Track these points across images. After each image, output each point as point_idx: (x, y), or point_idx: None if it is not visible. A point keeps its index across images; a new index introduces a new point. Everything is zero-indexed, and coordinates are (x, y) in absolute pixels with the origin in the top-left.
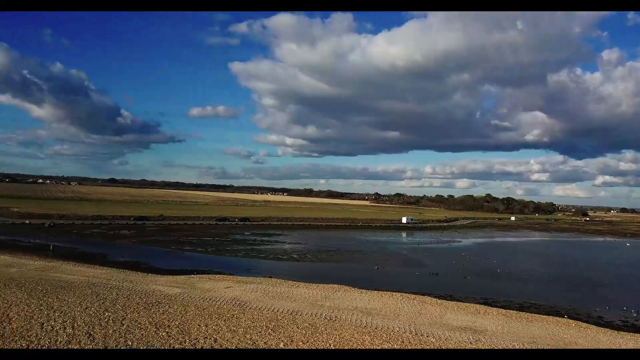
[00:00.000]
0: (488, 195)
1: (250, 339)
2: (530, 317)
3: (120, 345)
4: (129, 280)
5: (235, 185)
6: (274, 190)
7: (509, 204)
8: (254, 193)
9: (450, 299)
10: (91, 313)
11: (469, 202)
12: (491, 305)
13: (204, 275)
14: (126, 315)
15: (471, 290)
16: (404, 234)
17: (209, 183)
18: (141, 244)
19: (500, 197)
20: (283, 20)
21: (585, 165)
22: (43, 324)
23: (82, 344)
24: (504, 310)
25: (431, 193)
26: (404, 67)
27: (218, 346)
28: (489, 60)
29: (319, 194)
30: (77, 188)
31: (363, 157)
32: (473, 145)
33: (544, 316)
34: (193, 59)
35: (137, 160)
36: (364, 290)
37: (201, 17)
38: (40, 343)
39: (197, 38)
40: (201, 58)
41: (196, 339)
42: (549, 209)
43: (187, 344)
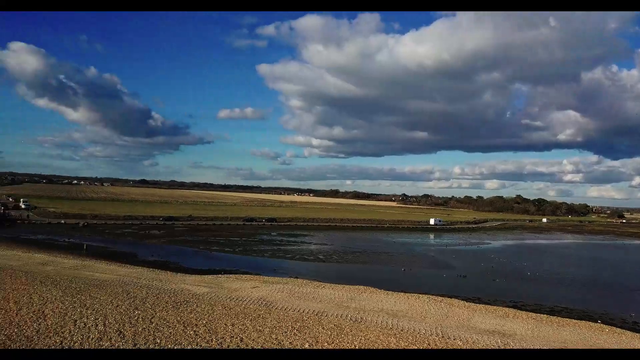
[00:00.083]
0: (518, 196)
1: (275, 338)
2: (561, 322)
3: (149, 343)
4: (159, 279)
5: (262, 186)
6: (301, 191)
7: (541, 206)
8: (280, 194)
9: (478, 301)
10: (122, 311)
11: (498, 204)
12: (520, 309)
13: (231, 275)
14: (155, 313)
15: (500, 293)
16: (431, 236)
17: (237, 184)
18: (170, 244)
19: (531, 199)
20: (310, 22)
21: (622, 166)
22: (76, 321)
23: (113, 341)
24: (533, 314)
25: (460, 194)
26: (432, 67)
27: (244, 345)
28: (520, 58)
29: (345, 194)
30: (110, 189)
31: (390, 158)
32: (503, 145)
33: (576, 321)
34: (221, 62)
35: (167, 162)
36: (390, 291)
37: (229, 20)
38: (73, 339)
39: (226, 41)
40: (229, 61)
41: (223, 338)
42: (582, 210)
43: (214, 343)
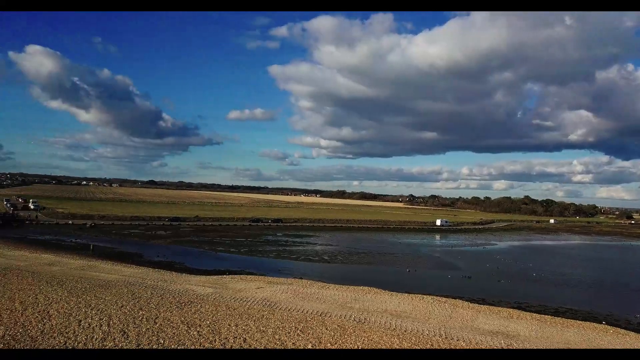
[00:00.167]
0: (526, 197)
1: (279, 339)
2: (565, 323)
3: (153, 343)
4: (163, 279)
5: (269, 186)
6: (307, 192)
7: (548, 206)
8: (287, 194)
9: (482, 302)
10: (126, 311)
11: (506, 204)
12: (525, 310)
13: (236, 276)
14: (159, 314)
15: (505, 294)
16: (437, 237)
17: (244, 184)
18: (176, 244)
19: (539, 199)
20: (323, 23)
21: (633, 166)
22: (81, 321)
23: (117, 341)
24: (538, 315)
25: (467, 195)
26: (444, 67)
27: (247, 346)
28: (533, 57)
29: (351, 195)
30: (118, 189)
31: (398, 159)
32: (513, 145)
33: (581, 322)
34: (233, 63)
35: (176, 163)
36: (394, 292)
37: (242, 22)
38: (77, 340)
39: (238, 42)
40: (241, 62)
41: (226, 338)
42: (590, 211)
43: (217, 344)
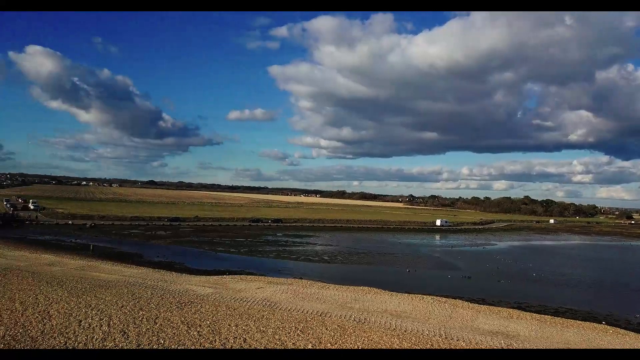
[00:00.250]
0: (526, 197)
1: (279, 339)
2: (565, 323)
3: (153, 343)
4: (164, 279)
5: (269, 187)
6: (307, 192)
7: (548, 207)
8: (287, 195)
9: (482, 302)
10: (126, 311)
11: (505, 205)
12: (525, 310)
13: (236, 276)
14: (159, 314)
15: (505, 294)
16: (437, 237)
17: (244, 185)
18: (176, 245)
19: (539, 199)
20: (323, 23)
21: (633, 166)
22: (81, 322)
23: (117, 341)
24: (538, 315)
25: (467, 195)
26: (445, 67)
27: (247, 346)
28: (534, 57)
29: (351, 195)
30: (118, 190)
31: (398, 159)
32: (513, 145)
33: (580, 322)
34: (233, 63)
35: (176, 163)
36: (394, 292)
37: (242, 22)
38: (77, 340)
39: (238, 42)
40: (241, 62)
41: (226, 338)
42: (590, 211)
43: (217, 344)
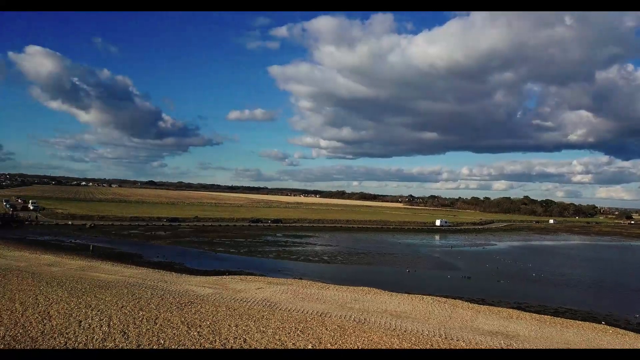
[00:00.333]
0: (526, 197)
1: (279, 339)
2: (565, 323)
3: (153, 344)
4: (164, 280)
5: (269, 187)
6: (307, 192)
7: (548, 207)
8: (287, 195)
9: (482, 303)
10: (126, 312)
11: (505, 205)
12: (525, 310)
13: (235, 276)
14: (159, 314)
15: (504, 295)
16: (437, 237)
17: (244, 185)
18: (176, 245)
19: (538, 200)
20: (323, 23)
21: (633, 166)
22: (81, 322)
23: (117, 341)
24: (537, 315)
25: (467, 195)
26: (445, 67)
27: (247, 346)
28: (534, 57)
29: (351, 196)
30: (117, 190)
31: (398, 159)
32: (512, 146)
33: (580, 322)
34: (233, 63)
35: (176, 163)
36: (394, 293)
37: (242, 22)
38: (78, 340)
39: (238, 42)
40: (241, 62)
41: (226, 339)
42: (590, 211)
43: (217, 344)
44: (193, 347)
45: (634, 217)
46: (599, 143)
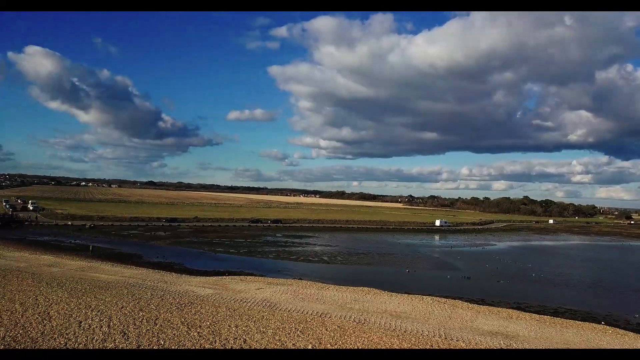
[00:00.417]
0: (525, 197)
1: (279, 340)
2: (564, 323)
3: (153, 344)
4: (163, 280)
5: (269, 187)
6: (307, 193)
7: (548, 207)
8: (286, 195)
9: (482, 303)
10: (126, 312)
11: (505, 205)
12: (524, 310)
13: (235, 277)
14: (159, 315)
15: (504, 295)
16: (436, 237)
17: (244, 185)
18: (175, 245)
19: (538, 200)
20: (323, 23)
21: (633, 167)
22: (81, 323)
23: (117, 342)
24: (537, 316)
25: (467, 195)
26: (444, 67)
27: (247, 347)
28: (534, 57)
29: (351, 196)
30: (117, 190)
31: (398, 159)
32: (512, 146)
33: (580, 322)
34: (233, 64)
35: (175, 163)
36: (393, 293)
37: (242, 22)
38: (78, 341)
39: (238, 43)
40: (241, 62)
41: (226, 339)
42: (589, 211)
43: (217, 344)
44: (193, 348)
45: (633, 217)
46: (598, 143)
